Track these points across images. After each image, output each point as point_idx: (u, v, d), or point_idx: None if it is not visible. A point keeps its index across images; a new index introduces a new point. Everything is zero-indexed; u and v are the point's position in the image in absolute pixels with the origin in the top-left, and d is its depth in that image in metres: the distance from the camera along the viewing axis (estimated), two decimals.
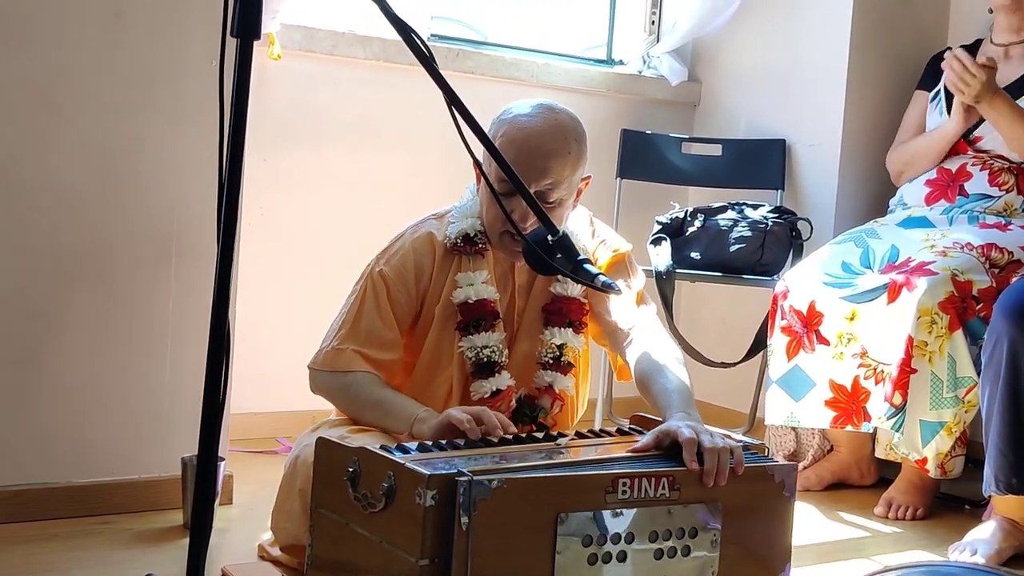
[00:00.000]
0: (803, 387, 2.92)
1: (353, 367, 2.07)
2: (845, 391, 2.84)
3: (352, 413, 2.12)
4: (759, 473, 1.79)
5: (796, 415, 2.94)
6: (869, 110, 3.56)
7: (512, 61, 3.59)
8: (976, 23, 3.48)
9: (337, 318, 2.14)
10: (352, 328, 2.10)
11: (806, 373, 2.92)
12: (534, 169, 2.00)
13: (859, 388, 2.82)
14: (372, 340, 2.09)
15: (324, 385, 2.13)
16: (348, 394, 2.09)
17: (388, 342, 2.10)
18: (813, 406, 2.90)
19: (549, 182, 2.02)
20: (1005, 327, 2.47)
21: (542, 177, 2.01)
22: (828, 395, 2.87)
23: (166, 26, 2.48)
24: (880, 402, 2.76)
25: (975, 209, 3.08)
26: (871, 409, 2.79)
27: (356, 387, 2.07)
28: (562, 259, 1.75)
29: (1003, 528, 2.57)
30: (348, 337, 2.09)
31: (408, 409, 2.01)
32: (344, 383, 2.08)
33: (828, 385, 2.87)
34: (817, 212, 3.53)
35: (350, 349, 2.08)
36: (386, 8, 1.51)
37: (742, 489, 1.75)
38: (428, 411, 1.99)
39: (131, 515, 2.47)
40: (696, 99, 4.00)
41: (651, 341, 2.10)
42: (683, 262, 3.35)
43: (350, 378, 2.08)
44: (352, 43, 3.28)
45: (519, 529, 1.57)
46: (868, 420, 2.80)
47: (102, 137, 2.44)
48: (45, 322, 2.41)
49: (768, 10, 3.79)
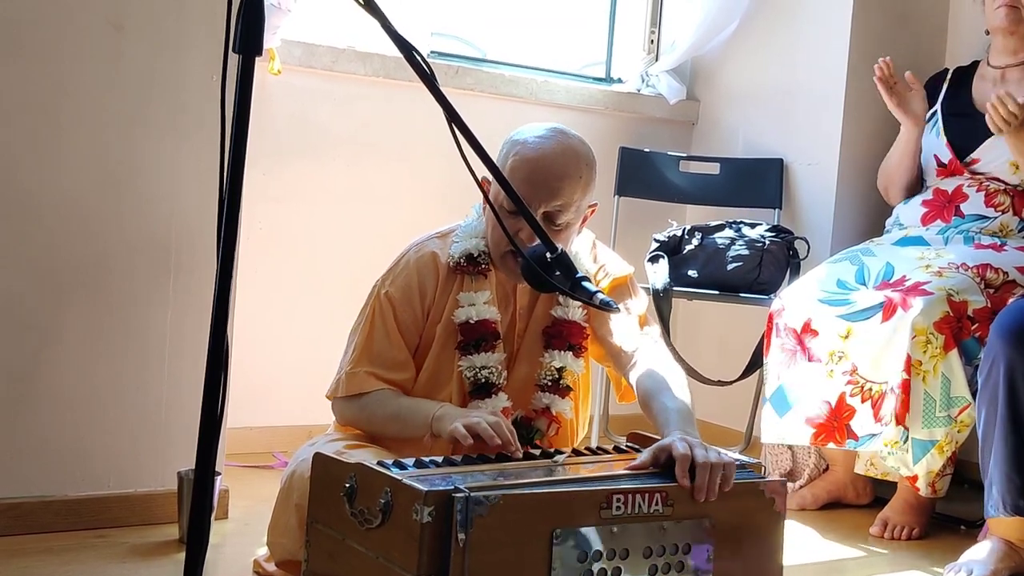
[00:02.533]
0: (786, 405, 2.93)
1: (367, 388, 2.08)
2: (829, 407, 2.84)
3: (376, 431, 2.12)
4: (750, 489, 1.79)
5: (782, 433, 2.94)
6: (866, 130, 3.57)
7: (511, 78, 3.60)
8: (973, 45, 3.49)
9: (348, 344, 2.15)
10: (364, 351, 2.11)
11: (790, 390, 2.92)
12: (545, 189, 2.01)
13: (844, 405, 2.82)
14: (384, 362, 2.10)
15: (346, 412, 2.14)
16: (367, 414, 2.10)
17: (399, 363, 2.11)
18: (794, 423, 2.90)
19: (559, 203, 2.02)
20: (1002, 348, 2.47)
21: (552, 198, 2.02)
22: (810, 412, 2.87)
23: (167, 40, 2.49)
24: (869, 421, 2.76)
25: (971, 229, 3.09)
26: (856, 427, 2.79)
27: (373, 405, 2.09)
28: (560, 276, 1.76)
29: (999, 549, 2.56)
30: (360, 361, 2.10)
31: (424, 411, 2.01)
32: (361, 404, 2.10)
33: (811, 402, 2.87)
34: (814, 231, 3.54)
35: (363, 371, 2.09)
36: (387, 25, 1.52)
37: (733, 505, 1.76)
38: (445, 406, 2.01)
39: (127, 529, 2.47)
40: (694, 118, 4.02)
41: (655, 363, 2.11)
42: (680, 280, 3.36)
43: (366, 399, 2.09)
44: (352, 59, 3.29)
45: (515, 545, 1.57)
46: (854, 438, 2.80)
47: (102, 150, 2.45)
48: (42, 334, 2.42)
49: (767, 30, 3.81)
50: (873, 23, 3.58)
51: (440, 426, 1.95)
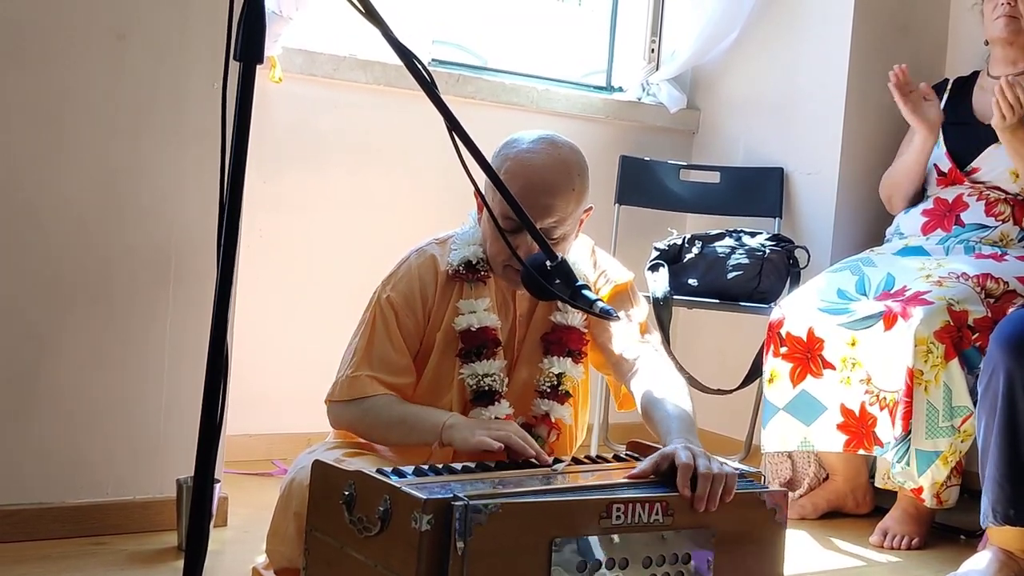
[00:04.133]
0: (814, 411, 2.91)
1: (369, 392, 2.07)
2: (854, 416, 2.84)
3: (376, 436, 2.11)
4: (751, 499, 1.79)
5: (809, 439, 2.93)
6: (867, 139, 3.58)
7: (512, 87, 3.61)
8: (973, 55, 3.50)
9: (348, 348, 2.14)
10: (365, 355, 2.10)
11: (816, 397, 2.91)
12: (538, 207, 1.99)
13: (866, 413, 2.82)
14: (385, 366, 2.09)
15: (344, 415, 2.12)
16: (369, 418, 2.08)
17: (401, 368, 2.10)
18: (826, 430, 2.89)
19: (554, 220, 2.02)
20: (1002, 358, 2.47)
21: (546, 215, 2.01)
22: (839, 419, 2.87)
23: (168, 49, 2.49)
24: (888, 428, 2.76)
25: (971, 239, 3.09)
26: (880, 434, 2.79)
27: (376, 409, 2.07)
28: (560, 284, 1.76)
29: (999, 559, 2.56)
30: (362, 364, 2.09)
31: (433, 418, 2.00)
32: (363, 409, 2.08)
33: (839, 409, 2.87)
34: (814, 240, 3.54)
35: (365, 375, 2.07)
36: (388, 33, 1.52)
37: (734, 515, 1.75)
38: (455, 416, 1.99)
39: (126, 536, 2.47)
40: (695, 126, 4.02)
41: (656, 371, 2.11)
42: (680, 289, 3.36)
43: (368, 403, 2.07)
44: (353, 67, 3.30)
45: (514, 554, 1.57)
46: (880, 445, 2.79)
47: (103, 158, 2.45)
48: (43, 342, 2.42)
49: (767, 39, 3.81)
50: (873, 33, 3.58)
51: (452, 435, 1.94)
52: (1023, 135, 2.99)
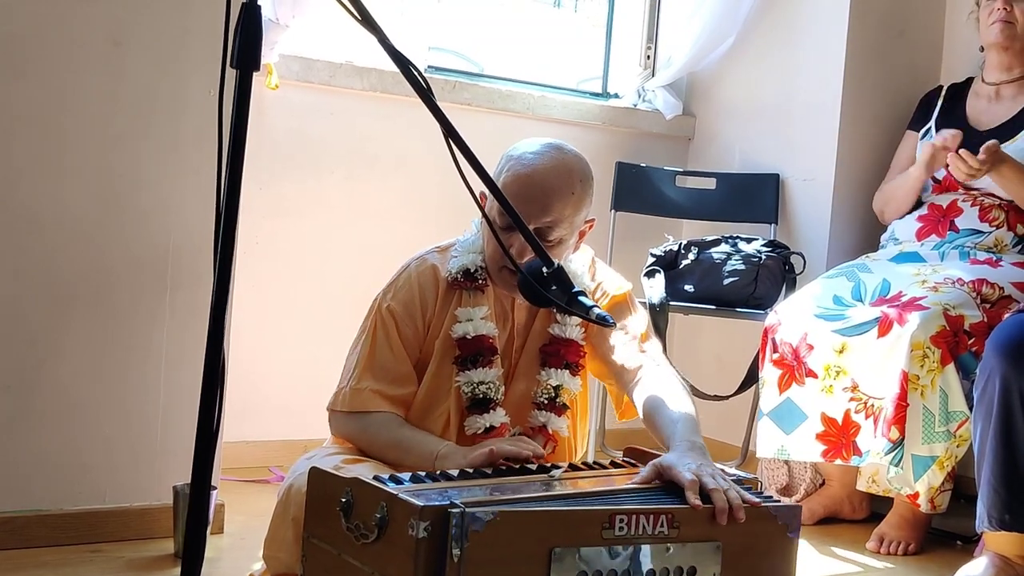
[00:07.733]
0: (794, 420, 2.93)
1: (371, 407, 2.07)
2: (836, 424, 2.85)
3: (373, 453, 2.11)
4: (762, 513, 1.76)
5: (786, 448, 2.94)
6: (862, 145, 3.58)
7: (508, 93, 3.61)
8: (968, 62, 3.51)
9: (350, 358, 2.14)
10: (367, 365, 2.10)
11: (798, 406, 2.93)
12: (534, 205, 2.00)
13: (850, 422, 2.83)
14: (388, 376, 2.09)
15: (344, 427, 2.12)
16: (368, 435, 2.09)
17: (403, 377, 2.11)
18: (804, 439, 2.90)
19: (549, 220, 2.02)
20: (997, 363, 2.47)
21: (542, 214, 2.01)
22: (819, 428, 2.88)
23: (166, 55, 2.49)
24: (871, 437, 2.77)
25: (966, 245, 3.10)
26: (861, 443, 2.80)
27: (376, 427, 2.08)
28: (557, 291, 1.76)
29: (995, 564, 2.56)
30: (364, 375, 2.09)
31: (428, 446, 2.01)
32: (363, 424, 2.09)
33: (819, 418, 2.88)
34: (810, 246, 3.54)
35: (368, 389, 2.08)
36: (384, 40, 1.52)
37: (744, 529, 1.72)
38: (449, 446, 1.99)
39: (122, 543, 2.47)
40: (690, 133, 4.03)
41: (659, 379, 2.11)
42: (677, 295, 3.36)
43: (369, 419, 2.08)
44: (349, 74, 3.30)
45: (512, 563, 1.56)
46: (859, 454, 2.80)
47: (101, 164, 2.46)
48: (39, 348, 2.42)
49: (763, 46, 3.82)
50: (869, 39, 3.59)
51: (443, 465, 1.93)
52: (1007, 173, 3.00)
